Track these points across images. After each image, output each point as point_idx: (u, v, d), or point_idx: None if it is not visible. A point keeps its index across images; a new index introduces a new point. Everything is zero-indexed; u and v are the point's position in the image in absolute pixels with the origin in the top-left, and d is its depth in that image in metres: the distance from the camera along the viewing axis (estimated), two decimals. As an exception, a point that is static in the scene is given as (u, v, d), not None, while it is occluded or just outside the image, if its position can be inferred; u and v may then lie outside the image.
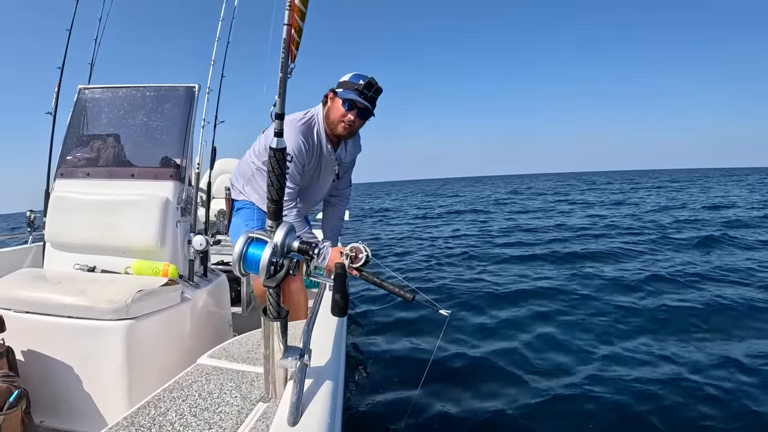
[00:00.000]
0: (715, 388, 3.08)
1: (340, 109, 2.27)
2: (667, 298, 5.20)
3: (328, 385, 1.24)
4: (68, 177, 2.48)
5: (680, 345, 3.89)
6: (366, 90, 2.23)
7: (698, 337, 4.06)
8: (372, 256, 2.06)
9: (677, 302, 5.01)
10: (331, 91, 2.33)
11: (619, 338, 4.11)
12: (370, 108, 2.30)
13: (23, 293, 1.95)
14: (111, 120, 2.56)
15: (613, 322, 4.54)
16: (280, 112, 1.13)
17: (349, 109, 2.26)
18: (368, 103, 2.27)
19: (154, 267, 2.16)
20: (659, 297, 5.27)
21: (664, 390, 3.09)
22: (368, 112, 2.32)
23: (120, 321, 1.83)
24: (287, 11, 1.11)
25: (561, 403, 3.03)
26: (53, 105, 3.11)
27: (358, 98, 2.23)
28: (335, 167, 2.47)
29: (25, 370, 1.84)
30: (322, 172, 2.45)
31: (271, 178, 1.12)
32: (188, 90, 2.51)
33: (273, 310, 1.14)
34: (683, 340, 3.99)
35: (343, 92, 2.27)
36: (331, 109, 2.31)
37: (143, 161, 2.45)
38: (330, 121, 2.32)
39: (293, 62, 1.20)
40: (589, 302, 5.22)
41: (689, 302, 4.99)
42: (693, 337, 4.07)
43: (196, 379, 1.46)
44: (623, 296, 5.40)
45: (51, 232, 2.37)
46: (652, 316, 4.63)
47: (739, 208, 15.23)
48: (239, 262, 1.10)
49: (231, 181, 2.53)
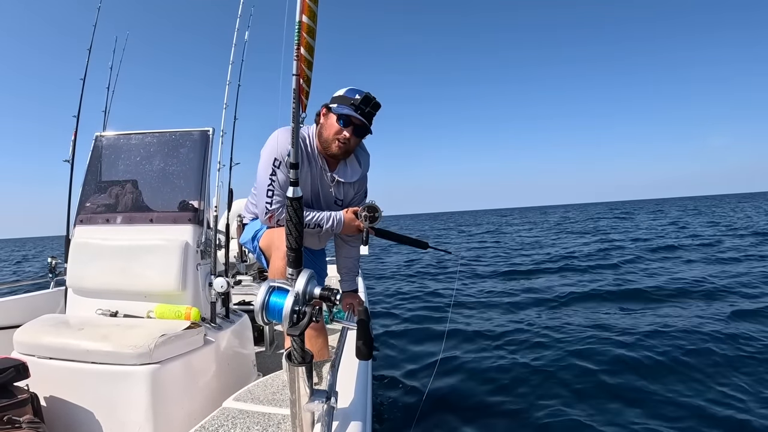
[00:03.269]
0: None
1: (334, 125, 2.14)
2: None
3: (355, 426, 1.24)
4: (88, 223, 2.52)
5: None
6: (363, 105, 2.10)
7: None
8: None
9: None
10: (324, 107, 2.19)
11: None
12: (367, 124, 2.17)
13: (46, 339, 1.97)
14: (128, 166, 2.61)
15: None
16: (294, 161, 1.16)
17: (345, 125, 2.13)
18: (365, 118, 2.13)
19: (176, 311, 2.18)
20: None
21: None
22: (365, 129, 2.19)
23: (144, 366, 1.85)
24: (294, 62, 1.14)
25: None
26: (70, 152, 3.19)
27: (354, 113, 2.09)
28: (331, 189, 2.31)
29: (49, 416, 1.86)
30: (320, 191, 2.30)
31: (289, 227, 1.15)
32: (203, 134, 2.55)
33: (297, 355, 1.16)
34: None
35: (338, 107, 2.12)
36: (324, 126, 2.18)
37: (161, 206, 2.50)
38: (323, 140, 2.19)
39: (304, 112, 1.24)
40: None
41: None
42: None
43: (222, 423, 1.47)
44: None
45: (73, 278, 2.41)
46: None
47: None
48: (262, 311, 1.12)
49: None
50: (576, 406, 3.44)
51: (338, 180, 2.30)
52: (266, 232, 2.17)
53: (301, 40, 1.15)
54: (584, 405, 3.45)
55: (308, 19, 1.18)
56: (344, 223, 2.18)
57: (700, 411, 3.22)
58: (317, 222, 2.17)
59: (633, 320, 5.66)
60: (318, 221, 2.17)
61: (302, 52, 1.17)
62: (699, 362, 4.12)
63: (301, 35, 1.15)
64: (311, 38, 1.20)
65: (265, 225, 2.20)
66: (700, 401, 3.37)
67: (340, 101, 2.14)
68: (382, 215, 2.13)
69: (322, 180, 2.29)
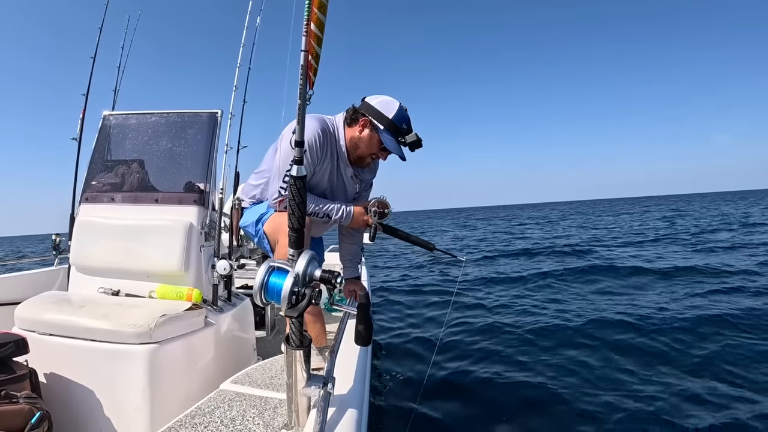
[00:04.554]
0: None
1: (374, 145, 2.13)
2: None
3: (351, 413, 1.22)
4: (93, 202, 2.52)
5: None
6: (410, 146, 2.10)
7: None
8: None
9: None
10: (368, 118, 2.11)
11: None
12: (404, 160, 2.19)
13: (47, 316, 1.97)
14: (135, 146, 2.60)
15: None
16: (299, 139, 1.12)
17: (384, 151, 2.16)
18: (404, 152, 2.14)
19: (178, 291, 2.17)
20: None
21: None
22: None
23: (143, 345, 1.84)
24: (303, 37, 1.10)
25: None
26: (78, 131, 3.18)
27: (400, 153, 2.11)
28: (355, 184, 2.32)
29: (47, 392, 1.86)
30: (341, 183, 2.28)
31: (291, 206, 1.12)
32: (211, 116, 2.54)
33: (296, 338, 1.13)
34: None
35: (385, 134, 2.08)
36: (362, 138, 2.13)
37: (167, 186, 2.48)
38: (357, 147, 2.17)
39: (311, 89, 1.20)
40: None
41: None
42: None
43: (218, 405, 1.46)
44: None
45: (76, 256, 2.41)
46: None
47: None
48: (260, 292, 1.09)
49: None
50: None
51: (360, 177, 2.31)
52: (273, 215, 2.14)
53: (311, 15, 1.11)
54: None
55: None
56: (353, 217, 2.16)
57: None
58: (326, 212, 2.15)
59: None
60: (327, 211, 2.15)
61: (312, 28, 1.13)
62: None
63: (311, 10, 1.11)
64: (322, 14, 1.16)
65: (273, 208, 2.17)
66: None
67: (388, 125, 2.07)
68: (390, 212, 2.12)
69: (343, 174, 2.26)
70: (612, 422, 3.01)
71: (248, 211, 2.33)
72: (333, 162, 2.19)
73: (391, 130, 2.07)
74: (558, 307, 6.22)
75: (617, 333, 4.82)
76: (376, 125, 2.09)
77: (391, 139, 2.08)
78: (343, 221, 2.19)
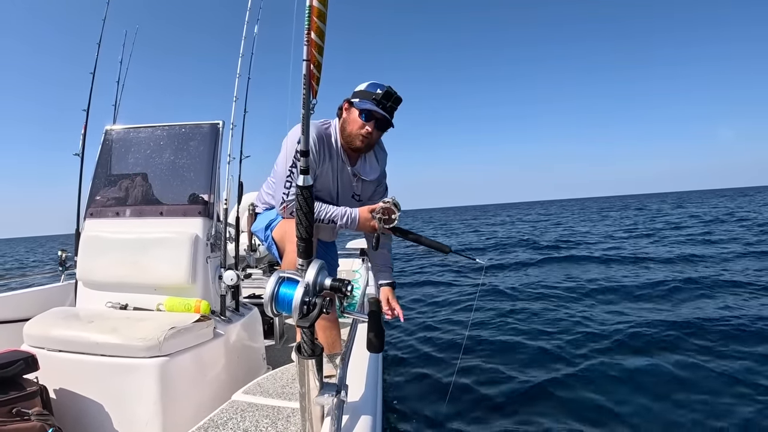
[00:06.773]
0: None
1: (357, 120, 2.14)
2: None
3: (365, 420, 1.22)
4: (98, 217, 2.53)
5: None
6: (384, 100, 2.11)
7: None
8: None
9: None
10: (347, 101, 2.20)
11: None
12: (389, 118, 2.17)
13: (56, 332, 1.97)
14: (138, 159, 2.61)
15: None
16: (304, 149, 1.13)
17: (367, 119, 2.14)
18: (387, 113, 2.14)
19: (186, 303, 2.17)
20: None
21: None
22: (387, 123, 2.20)
23: (153, 358, 1.84)
24: (305, 47, 1.11)
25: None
26: (80, 146, 3.19)
27: (376, 108, 2.11)
28: (354, 184, 2.32)
29: (58, 408, 1.86)
30: (339, 186, 2.29)
31: (299, 216, 1.12)
32: (213, 127, 2.55)
33: (307, 348, 1.13)
34: None
35: (360, 102, 2.14)
36: (347, 120, 2.18)
37: (171, 199, 2.49)
38: (347, 134, 2.19)
39: (315, 98, 1.20)
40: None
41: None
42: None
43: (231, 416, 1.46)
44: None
45: (83, 271, 2.41)
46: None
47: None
48: (271, 302, 1.09)
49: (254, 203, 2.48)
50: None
51: (360, 177, 2.30)
52: (281, 222, 2.15)
53: (311, 24, 1.11)
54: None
55: (319, 2, 1.14)
56: (359, 222, 2.14)
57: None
58: (331, 218, 2.14)
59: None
60: (332, 217, 2.14)
61: (313, 37, 1.13)
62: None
63: (311, 19, 1.11)
64: (322, 23, 1.17)
65: (281, 215, 2.18)
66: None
67: (362, 96, 2.14)
68: (398, 216, 2.01)
69: (343, 174, 2.27)
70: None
71: (260, 217, 2.35)
72: (333, 163, 2.21)
73: (363, 98, 2.14)
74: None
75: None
76: (352, 101, 2.17)
77: (364, 102, 2.13)
78: (348, 226, 2.18)
